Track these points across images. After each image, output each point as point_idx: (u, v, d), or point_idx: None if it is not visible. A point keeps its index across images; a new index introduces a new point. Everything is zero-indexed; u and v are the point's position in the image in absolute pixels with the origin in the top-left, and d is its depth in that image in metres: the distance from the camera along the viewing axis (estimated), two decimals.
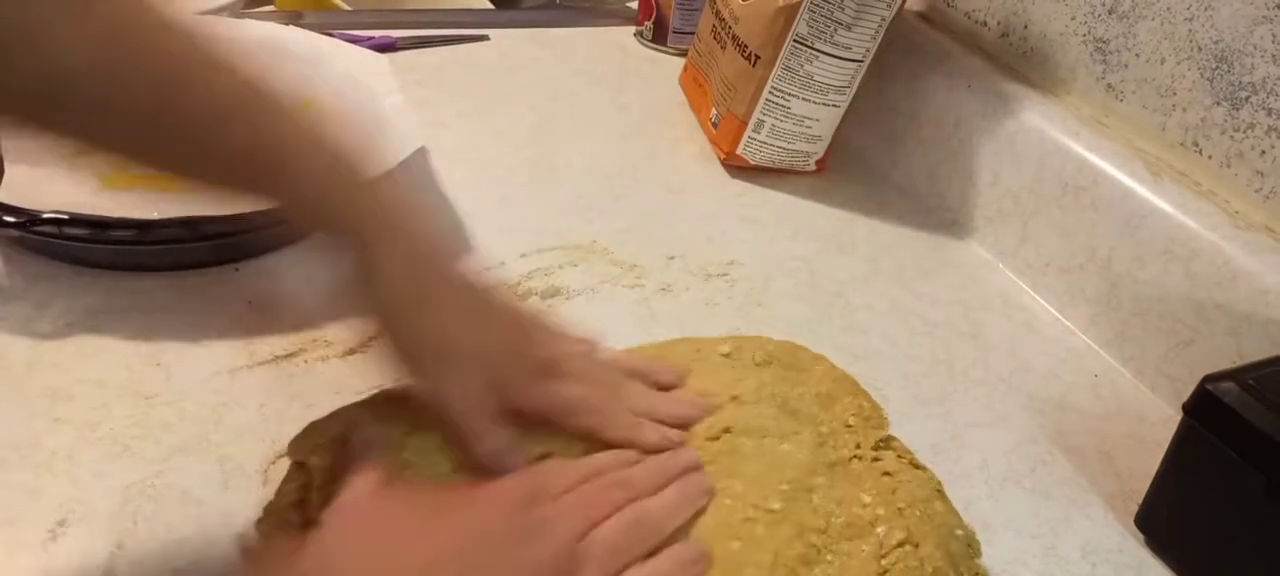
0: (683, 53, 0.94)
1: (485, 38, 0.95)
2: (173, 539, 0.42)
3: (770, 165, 0.80)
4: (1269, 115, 0.60)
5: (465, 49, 0.93)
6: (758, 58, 0.75)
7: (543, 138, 0.80)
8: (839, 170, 0.82)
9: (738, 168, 0.80)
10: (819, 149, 0.79)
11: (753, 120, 0.77)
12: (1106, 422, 0.61)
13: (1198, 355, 0.60)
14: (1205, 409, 0.47)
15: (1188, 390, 0.49)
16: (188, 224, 0.54)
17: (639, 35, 1.01)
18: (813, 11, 0.72)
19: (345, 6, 1.09)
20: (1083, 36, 0.72)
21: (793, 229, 0.74)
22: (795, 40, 0.73)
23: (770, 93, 0.76)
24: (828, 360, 0.54)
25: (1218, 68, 0.63)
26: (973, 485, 0.53)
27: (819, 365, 0.53)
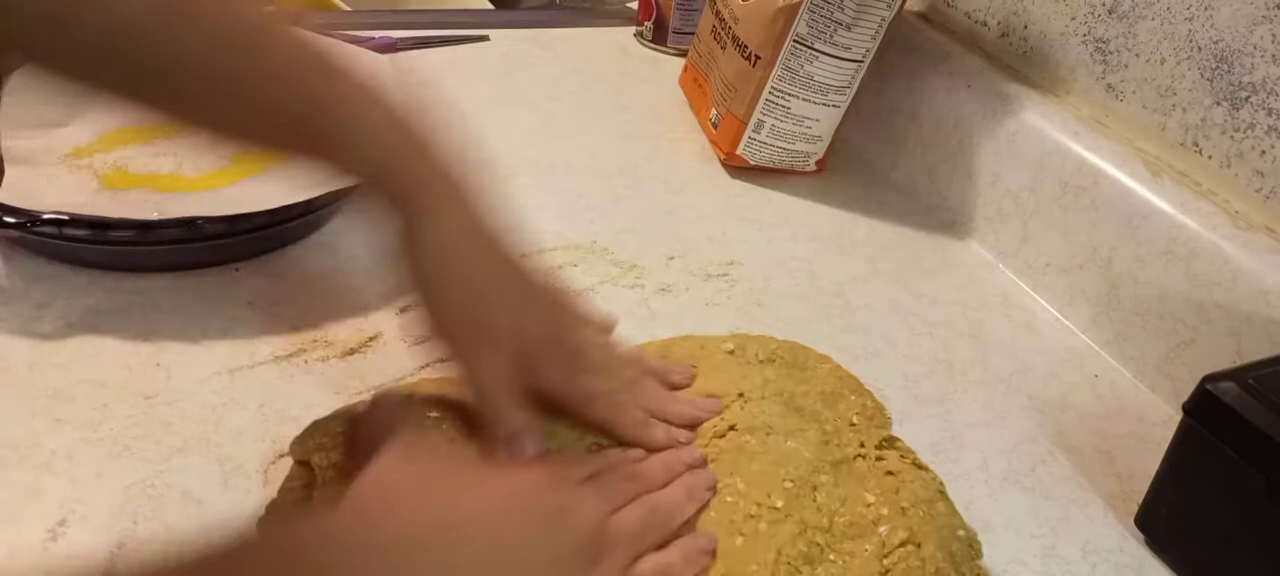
0: (683, 53, 0.94)
1: (485, 38, 0.95)
2: (173, 539, 0.42)
3: (770, 165, 0.80)
4: (1269, 115, 0.60)
5: (465, 49, 0.93)
6: (758, 58, 0.75)
7: (543, 138, 0.80)
8: (839, 170, 0.82)
9: (738, 168, 0.80)
10: (819, 149, 0.79)
11: (753, 120, 0.77)
12: (1106, 422, 0.61)
13: (1198, 355, 0.60)
14: (1205, 409, 0.47)
15: (1188, 390, 0.49)
16: (188, 224, 0.54)
17: (639, 35, 1.01)
18: (813, 11, 0.72)
19: (345, 7, 1.09)
20: (1083, 36, 0.72)
21: (793, 229, 0.74)
22: (795, 40, 0.73)
23: (770, 93, 0.76)
24: (831, 359, 0.54)
25: (1218, 68, 0.63)
26: (973, 485, 0.53)
27: (823, 364, 0.53)
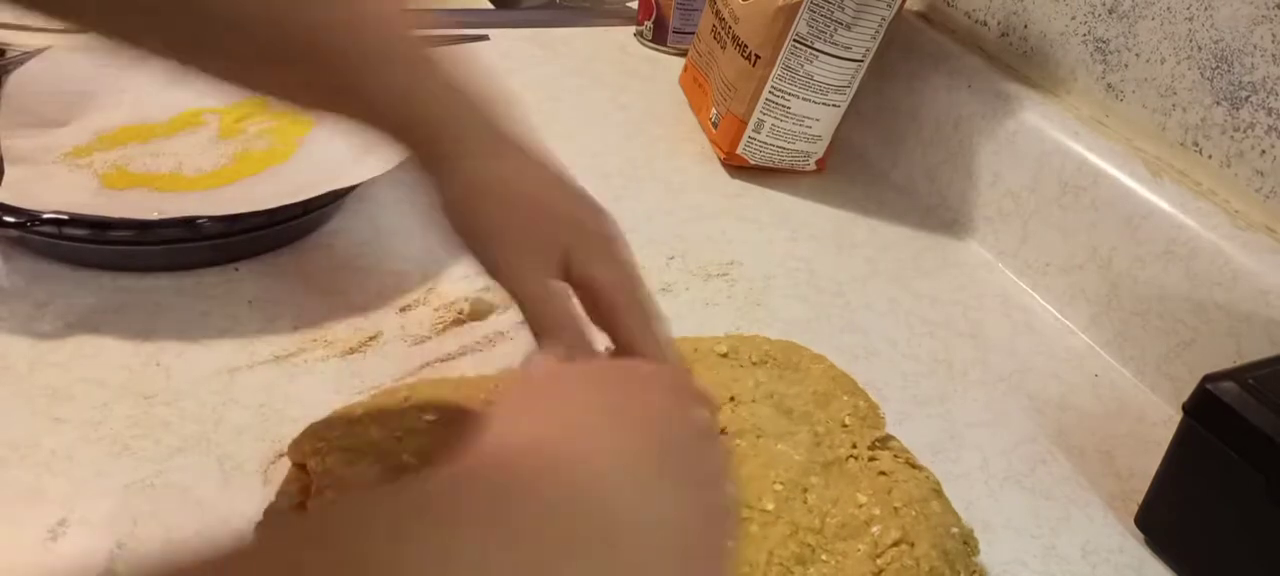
0: (683, 53, 0.94)
1: (485, 38, 0.95)
2: (173, 539, 0.42)
3: (770, 165, 0.80)
4: (1269, 115, 0.60)
5: (465, 49, 0.93)
6: (758, 57, 0.75)
7: (543, 138, 0.80)
8: (839, 170, 0.82)
9: (738, 168, 0.80)
10: (819, 149, 0.79)
11: (753, 120, 0.77)
12: (1106, 422, 0.61)
13: (1198, 355, 0.60)
14: (1205, 409, 0.47)
15: (1188, 390, 0.49)
16: (188, 224, 0.54)
17: (639, 35, 1.01)
18: (813, 11, 0.72)
19: None
20: (1083, 36, 0.72)
21: (793, 229, 0.74)
22: (795, 40, 0.73)
23: (770, 93, 0.76)
24: (826, 359, 0.54)
25: (1218, 68, 0.63)
26: (972, 485, 0.53)
27: (817, 365, 0.53)
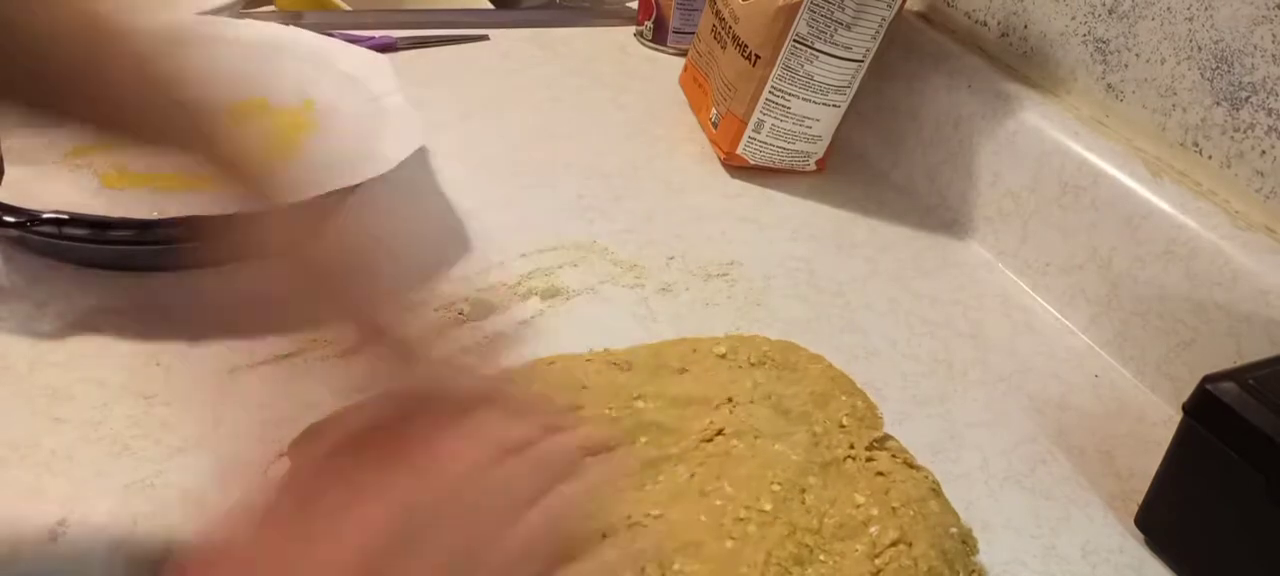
0: (683, 53, 0.94)
1: (485, 38, 0.95)
2: (173, 539, 0.42)
3: (770, 165, 0.80)
4: (1269, 115, 0.60)
5: (465, 49, 0.93)
6: (758, 57, 0.75)
7: (543, 138, 0.80)
8: (839, 170, 0.82)
9: (738, 168, 0.80)
10: (819, 149, 0.79)
11: (753, 120, 0.77)
12: (1106, 422, 0.61)
13: (1198, 355, 0.60)
14: (1205, 409, 0.47)
15: (1188, 390, 0.49)
16: (188, 224, 0.54)
17: (639, 35, 1.01)
18: (813, 11, 0.72)
19: (345, 6, 1.09)
20: (1083, 36, 0.72)
21: (793, 229, 0.74)
22: (795, 40, 0.73)
23: (770, 93, 0.76)
24: (825, 360, 0.54)
25: (1218, 68, 0.63)
26: (972, 485, 0.53)
27: (815, 365, 0.53)
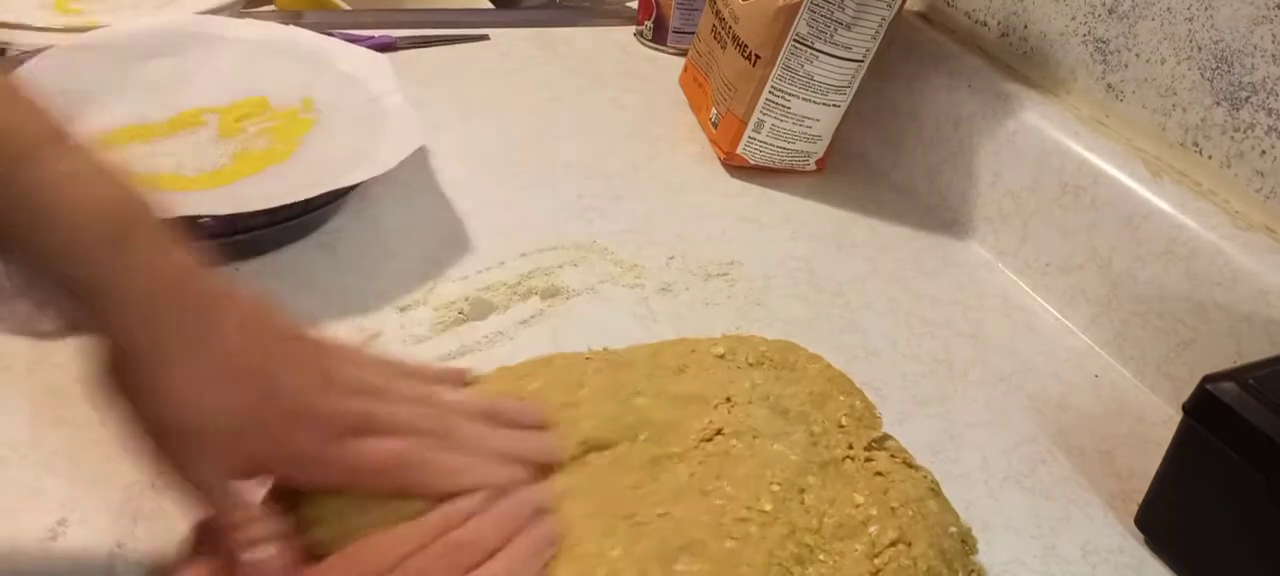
0: (683, 53, 0.94)
1: (485, 38, 0.95)
2: (173, 539, 0.42)
3: (770, 165, 0.80)
4: (1269, 115, 0.60)
5: (465, 49, 0.93)
6: (758, 57, 0.75)
7: (543, 138, 0.80)
8: (839, 170, 0.82)
9: (738, 168, 0.80)
10: (819, 149, 0.79)
11: (753, 120, 0.77)
12: (1106, 422, 0.61)
13: (1198, 355, 0.60)
14: (1205, 409, 0.47)
15: (1188, 390, 0.49)
16: (188, 224, 0.54)
17: (639, 35, 1.01)
18: (813, 11, 0.72)
19: (345, 6, 1.09)
20: (1083, 36, 0.72)
21: (793, 229, 0.74)
22: (795, 40, 0.73)
23: (770, 93, 0.76)
24: (824, 360, 0.53)
25: (1218, 68, 0.63)
26: (973, 485, 0.54)
27: (814, 365, 0.53)
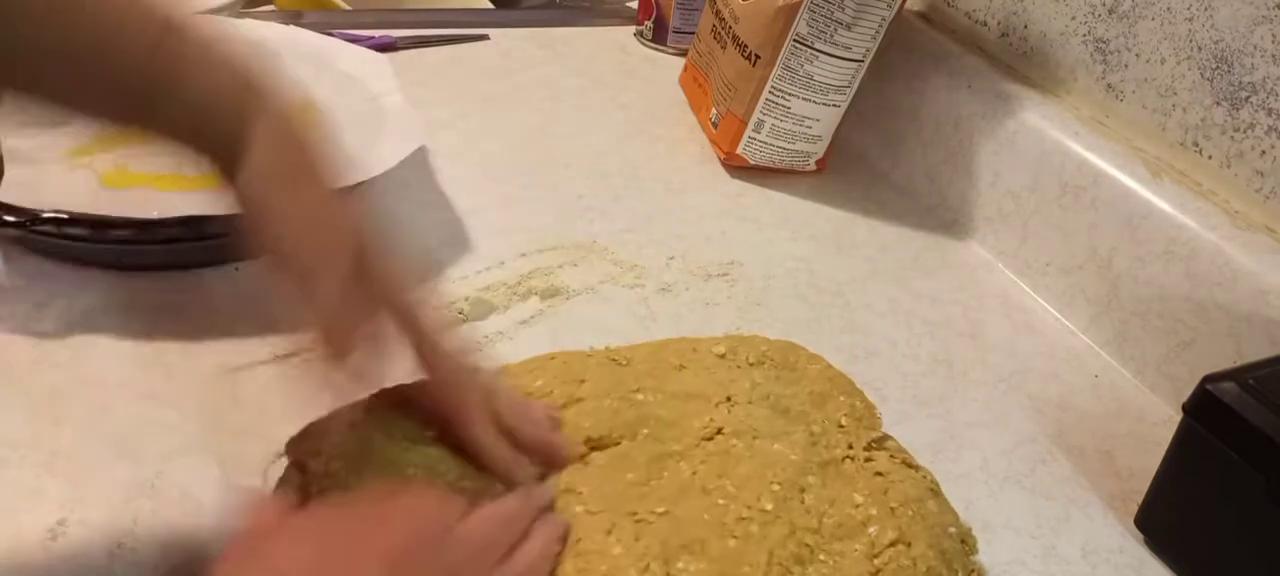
0: (683, 53, 0.94)
1: (485, 38, 0.95)
2: (173, 539, 0.42)
3: (770, 165, 0.80)
4: (1269, 115, 0.60)
5: (465, 49, 0.93)
6: (758, 57, 0.75)
7: (543, 138, 0.80)
8: (839, 170, 0.82)
9: (738, 168, 0.80)
10: (819, 149, 0.79)
11: (753, 120, 0.77)
12: (1106, 422, 0.61)
13: (1198, 355, 0.60)
14: (1205, 409, 0.47)
15: (1188, 390, 0.49)
16: (188, 224, 0.54)
17: (639, 35, 1.01)
18: (813, 11, 0.72)
19: (345, 6, 1.09)
20: (1083, 36, 0.72)
21: (793, 229, 0.74)
22: (795, 40, 0.73)
23: (770, 92, 0.76)
24: (824, 360, 0.53)
25: (1218, 68, 0.63)
26: (973, 485, 0.54)
27: (814, 365, 0.53)
